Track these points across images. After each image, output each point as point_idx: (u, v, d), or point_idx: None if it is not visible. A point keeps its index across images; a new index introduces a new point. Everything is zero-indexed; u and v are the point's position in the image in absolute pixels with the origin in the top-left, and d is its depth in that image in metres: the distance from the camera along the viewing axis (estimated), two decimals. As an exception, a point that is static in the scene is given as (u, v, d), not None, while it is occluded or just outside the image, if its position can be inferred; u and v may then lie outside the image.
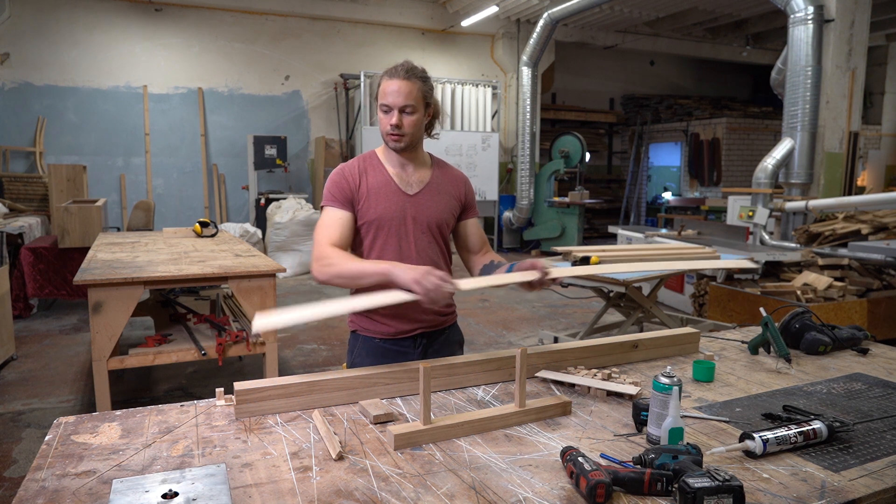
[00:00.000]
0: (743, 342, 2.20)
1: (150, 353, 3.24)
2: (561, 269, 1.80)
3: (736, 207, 7.26)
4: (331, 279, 1.78)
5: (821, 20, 6.11)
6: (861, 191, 10.52)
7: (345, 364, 2.08)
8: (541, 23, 9.66)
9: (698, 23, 11.33)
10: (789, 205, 6.14)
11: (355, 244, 1.96)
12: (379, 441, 1.39)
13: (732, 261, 3.89)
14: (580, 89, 13.85)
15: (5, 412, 3.73)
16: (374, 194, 1.90)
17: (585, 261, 3.98)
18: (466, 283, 1.67)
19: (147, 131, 9.41)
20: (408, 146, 1.89)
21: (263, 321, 1.54)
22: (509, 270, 1.83)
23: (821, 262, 4.99)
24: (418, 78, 1.84)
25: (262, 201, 9.16)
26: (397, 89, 1.81)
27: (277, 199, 8.95)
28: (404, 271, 1.62)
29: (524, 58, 10.18)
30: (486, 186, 10.56)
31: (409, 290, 1.59)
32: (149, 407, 1.54)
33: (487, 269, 1.99)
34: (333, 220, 1.88)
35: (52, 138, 8.88)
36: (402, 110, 1.83)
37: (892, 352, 2.12)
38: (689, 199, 12.04)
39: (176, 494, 1.12)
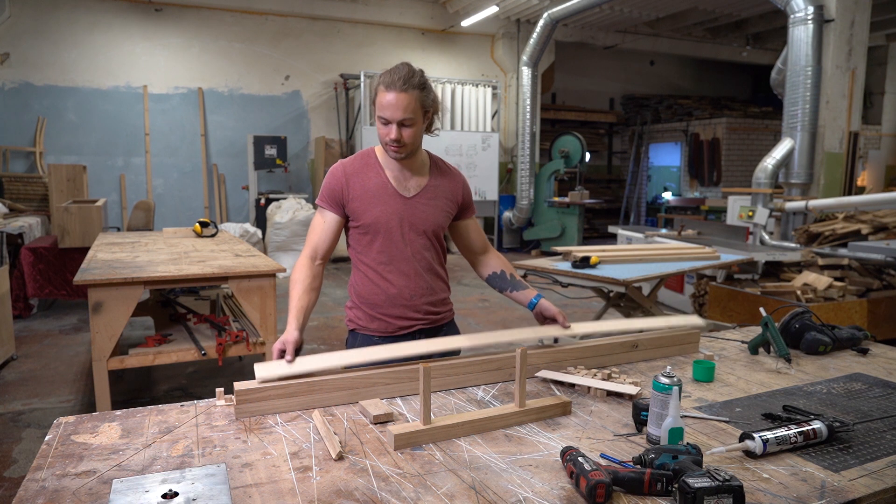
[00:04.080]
0: (743, 342, 2.20)
1: (150, 353, 3.24)
2: (582, 326, 1.98)
3: (736, 207, 7.25)
4: None
5: (821, 20, 6.11)
6: (861, 191, 10.52)
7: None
8: (541, 23, 9.66)
9: (698, 23, 11.33)
10: (789, 205, 6.14)
11: (355, 244, 1.97)
12: (379, 441, 1.39)
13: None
14: (580, 89, 13.85)
15: (5, 412, 3.73)
16: (369, 197, 1.90)
17: (585, 261, 3.98)
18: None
19: (147, 131, 9.41)
20: (408, 155, 1.89)
21: (264, 370, 1.58)
22: (532, 303, 1.98)
23: (821, 262, 4.99)
24: (415, 87, 1.79)
25: (262, 201, 9.16)
26: (395, 103, 1.77)
27: (277, 199, 8.95)
28: (285, 333, 1.72)
29: (524, 58, 10.18)
30: (486, 186, 10.56)
31: None
32: (149, 407, 1.54)
33: (500, 283, 2.08)
34: (319, 224, 1.96)
35: (52, 138, 8.88)
36: (400, 123, 1.80)
37: (892, 352, 2.12)
38: (689, 199, 12.04)
39: (176, 494, 1.12)
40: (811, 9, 6.06)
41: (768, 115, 13.06)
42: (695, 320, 2.11)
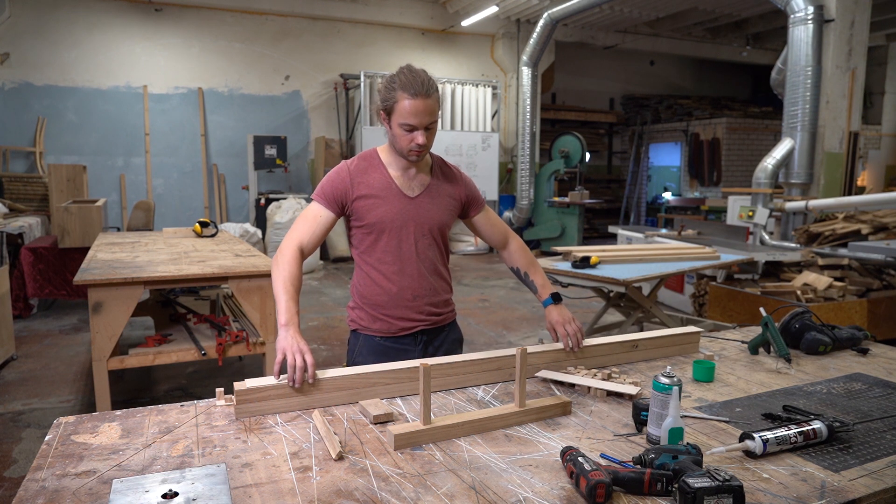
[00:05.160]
0: (743, 342, 2.20)
1: (150, 353, 3.24)
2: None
3: (736, 207, 7.26)
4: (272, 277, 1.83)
5: (821, 20, 6.11)
6: (861, 191, 10.52)
7: (345, 364, 2.08)
8: (541, 23, 9.66)
9: (698, 23, 11.33)
10: (789, 205, 6.14)
11: (358, 243, 1.97)
12: (379, 441, 1.39)
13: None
14: (580, 89, 13.85)
15: (5, 412, 3.73)
16: (375, 197, 1.90)
17: (586, 261, 3.98)
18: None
19: (147, 131, 9.41)
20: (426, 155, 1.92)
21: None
22: (546, 304, 1.99)
23: (821, 262, 4.99)
24: (435, 90, 1.83)
25: (262, 201, 9.16)
26: (423, 109, 1.78)
27: (277, 199, 8.96)
28: (285, 336, 1.61)
29: (524, 58, 10.18)
30: (486, 186, 10.56)
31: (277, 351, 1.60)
32: (149, 407, 1.54)
33: (519, 277, 2.13)
34: (313, 218, 1.89)
35: (52, 138, 8.88)
36: (426, 127, 1.82)
37: (892, 352, 2.12)
38: (689, 199, 12.05)
39: (176, 494, 1.12)
40: (811, 9, 6.06)
41: (768, 115, 13.07)
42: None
